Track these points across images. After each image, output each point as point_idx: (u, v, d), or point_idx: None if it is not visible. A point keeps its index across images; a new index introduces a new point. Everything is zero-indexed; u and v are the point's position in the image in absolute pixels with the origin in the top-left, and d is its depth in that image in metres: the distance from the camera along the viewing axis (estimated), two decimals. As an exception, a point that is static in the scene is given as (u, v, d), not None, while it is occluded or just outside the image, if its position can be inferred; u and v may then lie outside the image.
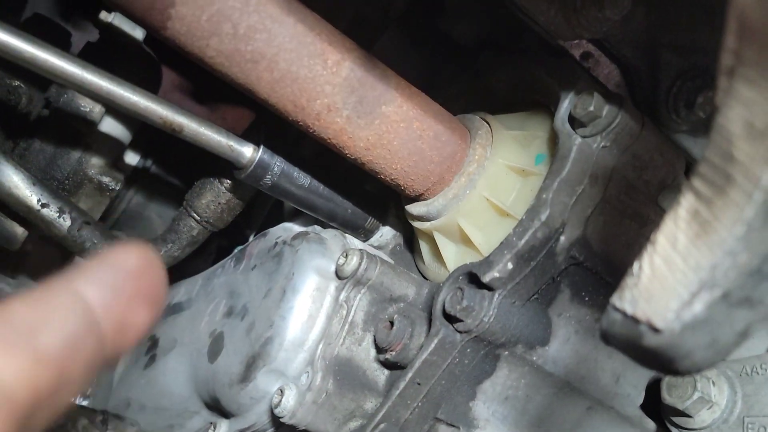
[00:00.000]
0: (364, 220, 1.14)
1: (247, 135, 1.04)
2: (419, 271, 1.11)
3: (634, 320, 0.53)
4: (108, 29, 1.20)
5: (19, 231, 1.15)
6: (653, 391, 1.01)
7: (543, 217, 0.83)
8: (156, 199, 1.35)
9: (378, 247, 1.15)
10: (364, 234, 1.14)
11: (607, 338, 0.56)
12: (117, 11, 0.79)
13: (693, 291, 0.50)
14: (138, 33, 1.26)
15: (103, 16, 1.22)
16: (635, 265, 0.55)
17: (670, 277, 0.52)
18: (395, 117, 0.90)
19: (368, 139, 0.90)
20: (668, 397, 0.95)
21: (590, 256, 0.88)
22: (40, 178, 1.08)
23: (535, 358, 0.91)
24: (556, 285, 0.89)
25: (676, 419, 0.96)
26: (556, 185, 0.84)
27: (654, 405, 1.01)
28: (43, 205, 1.06)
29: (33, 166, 1.10)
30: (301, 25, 0.83)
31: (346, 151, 0.92)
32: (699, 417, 0.92)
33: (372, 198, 1.16)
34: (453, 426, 0.92)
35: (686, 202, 0.52)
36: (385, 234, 1.16)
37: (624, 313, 0.54)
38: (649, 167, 0.89)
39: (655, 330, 0.51)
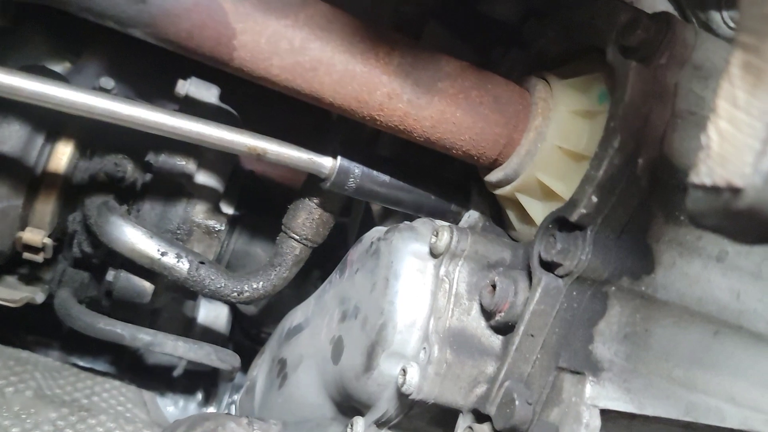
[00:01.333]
0: (450, 205, 1.18)
1: (325, 147, 1.12)
2: (513, 240, 1.13)
3: (716, 190, 0.54)
4: (186, 100, 1.34)
5: (147, 285, 1.27)
6: (782, 303, 0.97)
7: (615, 144, 0.84)
8: (258, 236, 1.46)
9: (468, 228, 1.18)
10: (452, 218, 1.19)
11: (696, 220, 0.57)
12: (189, 56, 0.89)
13: (764, 138, 0.51)
14: (212, 98, 1.40)
15: (179, 86, 1.36)
16: (702, 138, 0.56)
17: (739, 134, 0.53)
18: (452, 90, 0.95)
19: (432, 116, 0.95)
20: (797, 302, 0.91)
21: (674, 173, 0.87)
22: (155, 232, 1.20)
23: (644, 288, 0.91)
24: (647, 210, 0.89)
25: (811, 323, 0.92)
26: (621, 111, 0.85)
27: (786, 317, 0.97)
28: (163, 254, 1.17)
29: (147, 222, 1.23)
30: (348, 28, 0.90)
31: (415, 134, 0.97)
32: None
33: (454, 183, 1.21)
34: (578, 372, 0.92)
35: (736, 59, 0.53)
36: (472, 215, 1.19)
37: (704, 187, 0.55)
38: (714, 75, 0.89)
39: (738, 190, 0.52)
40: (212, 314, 1.59)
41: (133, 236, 1.17)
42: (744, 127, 0.53)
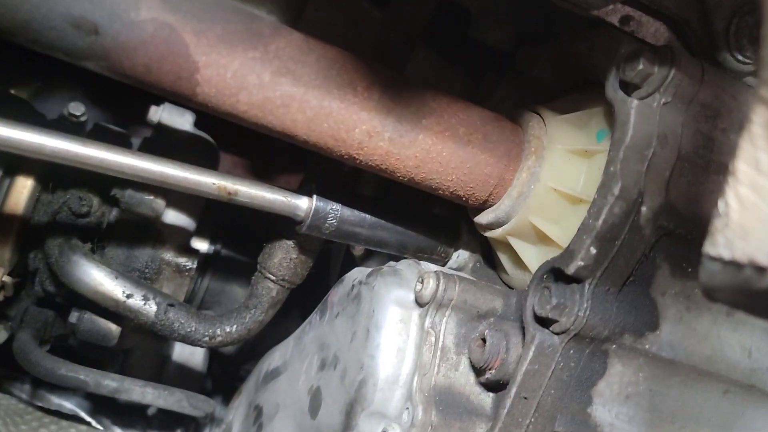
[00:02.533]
0: (438, 245, 1.10)
1: (301, 189, 1.04)
2: (504, 284, 1.06)
3: (735, 265, 0.46)
4: (159, 127, 1.26)
5: (113, 327, 1.18)
6: (796, 359, 0.89)
7: (616, 191, 0.76)
8: (236, 272, 1.37)
9: (457, 269, 1.10)
10: (440, 258, 1.11)
11: (712, 295, 0.50)
12: (152, 91, 0.81)
13: (793, 211, 0.43)
14: (186, 124, 1.32)
15: (152, 113, 1.28)
16: (720, 204, 0.48)
17: (763, 204, 0.45)
18: (438, 128, 0.87)
19: (416, 156, 0.87)
20: (815, 362, 0.83)
21: (681, 222, 0.80)
22: (121, 272, 1.12)
23: (647, 347, 0.83)
24: (651, 261, 0.81)
25: (831, 385, 0.84)
26: (622, 154, 0.77)
27: (801, 375, 0.89)
28: (128, 296, 1.09)
29: (113, 262, 1.14)
30: (323, 60, 0.83)
31: (398, 174, 0.89)
32: None
33: (443, 222, 1.13)
34: (575, 438, 0.84)
35: (759, 117, 0.45)
36: (462, 255, 1.11)
37: (722, 260, 0.48)
38: (722, 114, 0.81)
39: (762, 269, 0.44)
40: (187, 351, 1.50)
41: (96, 277, 1.09)
42: (770, 196, 0.45)
